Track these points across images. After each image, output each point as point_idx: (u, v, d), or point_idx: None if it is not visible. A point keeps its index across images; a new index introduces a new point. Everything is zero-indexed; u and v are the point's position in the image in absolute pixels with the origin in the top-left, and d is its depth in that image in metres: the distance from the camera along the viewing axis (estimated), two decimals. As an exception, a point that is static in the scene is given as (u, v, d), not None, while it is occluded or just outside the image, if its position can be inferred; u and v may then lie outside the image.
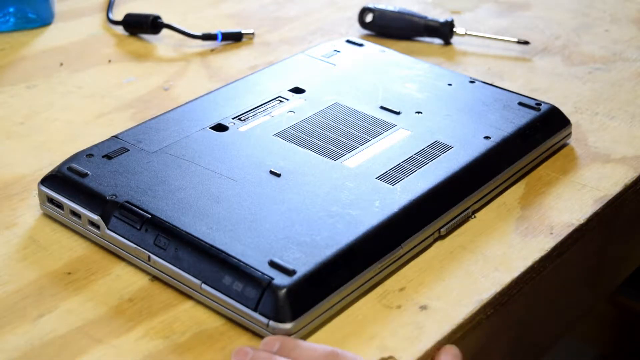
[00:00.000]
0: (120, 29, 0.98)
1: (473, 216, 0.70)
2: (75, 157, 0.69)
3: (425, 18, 0.97)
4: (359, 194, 0.66)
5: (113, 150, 0.70)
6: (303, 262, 0.59)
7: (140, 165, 0.68)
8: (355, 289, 0.61)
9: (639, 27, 1.02)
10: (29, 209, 0.69)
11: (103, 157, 0.69)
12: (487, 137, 0.73)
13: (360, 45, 0.89)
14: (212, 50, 0.94)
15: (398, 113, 0.76)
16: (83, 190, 0.66)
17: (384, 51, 0.88)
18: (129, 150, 0.70)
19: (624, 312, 1.31)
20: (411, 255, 0.65)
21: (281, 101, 0.78)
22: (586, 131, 0.82)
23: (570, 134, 0.79)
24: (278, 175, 0.68)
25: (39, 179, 0.68)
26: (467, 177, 0.69)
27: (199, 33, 0.95)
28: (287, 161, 0.69)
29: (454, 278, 0.64)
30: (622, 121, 0.83)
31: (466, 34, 0.96)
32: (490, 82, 0.83)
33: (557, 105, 0.79)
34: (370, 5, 0.98)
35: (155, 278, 0.63)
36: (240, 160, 0.69)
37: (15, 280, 0.62)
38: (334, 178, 0.68)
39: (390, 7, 0.98)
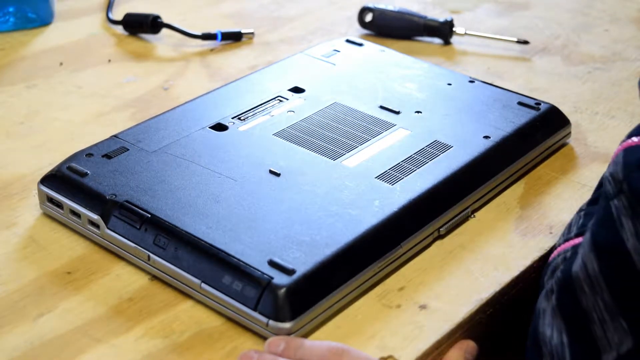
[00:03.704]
0: (120, 29, 0.98)
1: (472, 216, 0.70)
2: (75, 157, 0.69)
3: (425, 18, 0.97)
4: (359, 193, 0.66)
5: (113, 149, 0.70)
6: (302, 262, 0.59)
7: (140, 165, 0.68)
8: (355, 289, 0.61)
9: (638, 26, 1.02)
10: (29, 208, 0.69)
11: (103, 156, 0.69)
12: (486, 137, 0.73)
13: (360, 44, 0.89)
14: (211, 50, 0.94)
15: (397, 113, 0.76)
16: (83, 190, 0.66)
17: (384, 51, 0.88)
18: (128, 149, 0.70)
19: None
20: (411, 255, 0.65)
21: (281, 101, 0.78)
22: (586, 131, 0.82)
23: (569, 133, 0.79)
24: (278, 174, 0.68)
25: (39, 179, 0.68)
26: (466, 176, 0.69)
27: (198, 33, 0.95)
28: (287, 161, 0.69)
29: (453, 278, 0.64)
30: (622, 121, 0.83)
31: (466, 33, 0.96)
32: (489, 82, 0.83)
33: (556, 104, 0.79)
34: (370, 5, 0.98)
35: (154, 277, 0.63)
36: (240, 159, 0.69)
37: (15, 280, 0.62)
38: (334, 177, 0.68)
39: (390, 7, 0.98)
